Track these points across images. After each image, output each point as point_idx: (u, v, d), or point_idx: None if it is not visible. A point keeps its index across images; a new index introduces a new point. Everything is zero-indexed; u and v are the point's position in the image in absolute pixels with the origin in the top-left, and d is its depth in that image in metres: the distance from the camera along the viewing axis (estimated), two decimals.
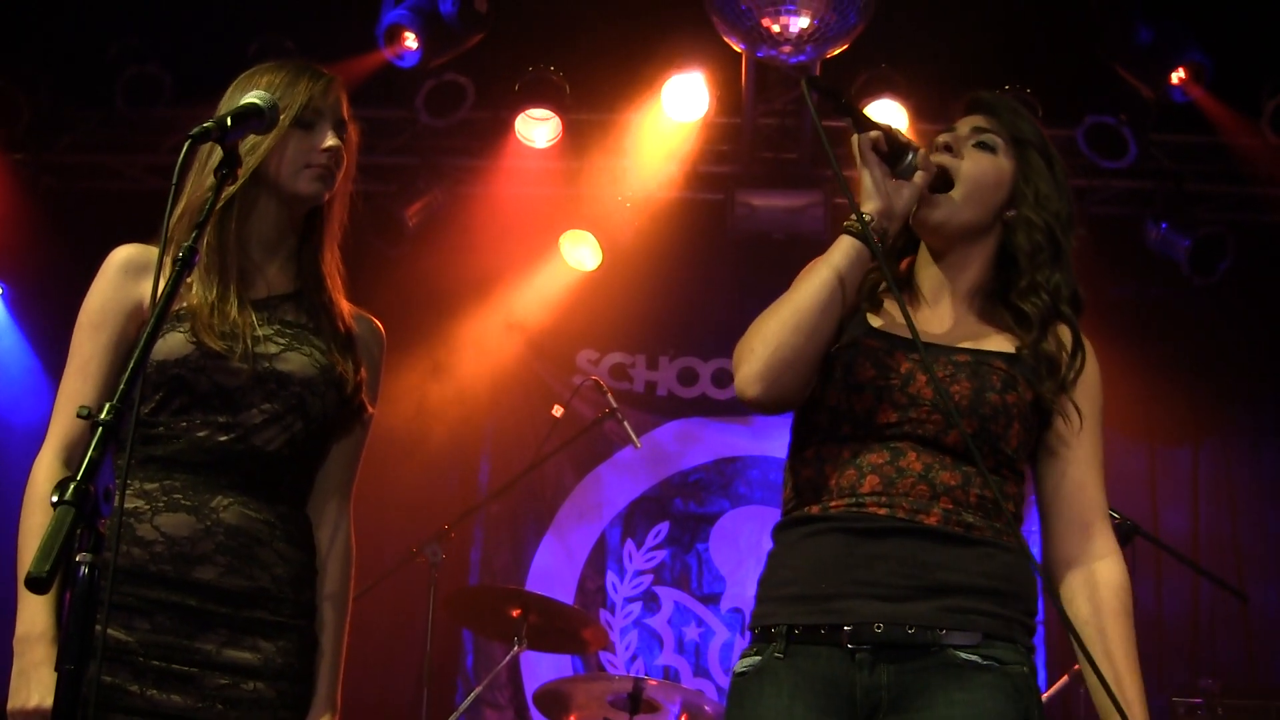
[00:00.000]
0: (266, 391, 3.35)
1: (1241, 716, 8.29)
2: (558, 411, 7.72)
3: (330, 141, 3.44)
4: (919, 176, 3.10)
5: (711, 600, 9.61)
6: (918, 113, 8.86)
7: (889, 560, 2.96)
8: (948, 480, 3.02)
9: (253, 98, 3.04)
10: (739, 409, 9.95)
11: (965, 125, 3.30)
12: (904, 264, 3.39)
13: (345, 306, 3.59)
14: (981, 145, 3.27)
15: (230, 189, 3.29)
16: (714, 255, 9.63)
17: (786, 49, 7.80)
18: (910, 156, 3.11)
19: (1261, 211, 9.65)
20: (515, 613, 6.80)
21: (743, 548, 9.57)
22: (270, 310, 3.45)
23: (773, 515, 9.07)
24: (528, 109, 8.97)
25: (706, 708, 6.95)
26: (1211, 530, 9.77)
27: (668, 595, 9.66)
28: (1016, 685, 2.93)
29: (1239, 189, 9.56)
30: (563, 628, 7.04)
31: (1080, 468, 3.20)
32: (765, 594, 3.13)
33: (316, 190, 3.45)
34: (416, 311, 9.29)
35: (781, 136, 9.42)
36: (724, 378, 10.00)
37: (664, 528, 9.76)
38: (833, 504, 3.04)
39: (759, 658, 3.03)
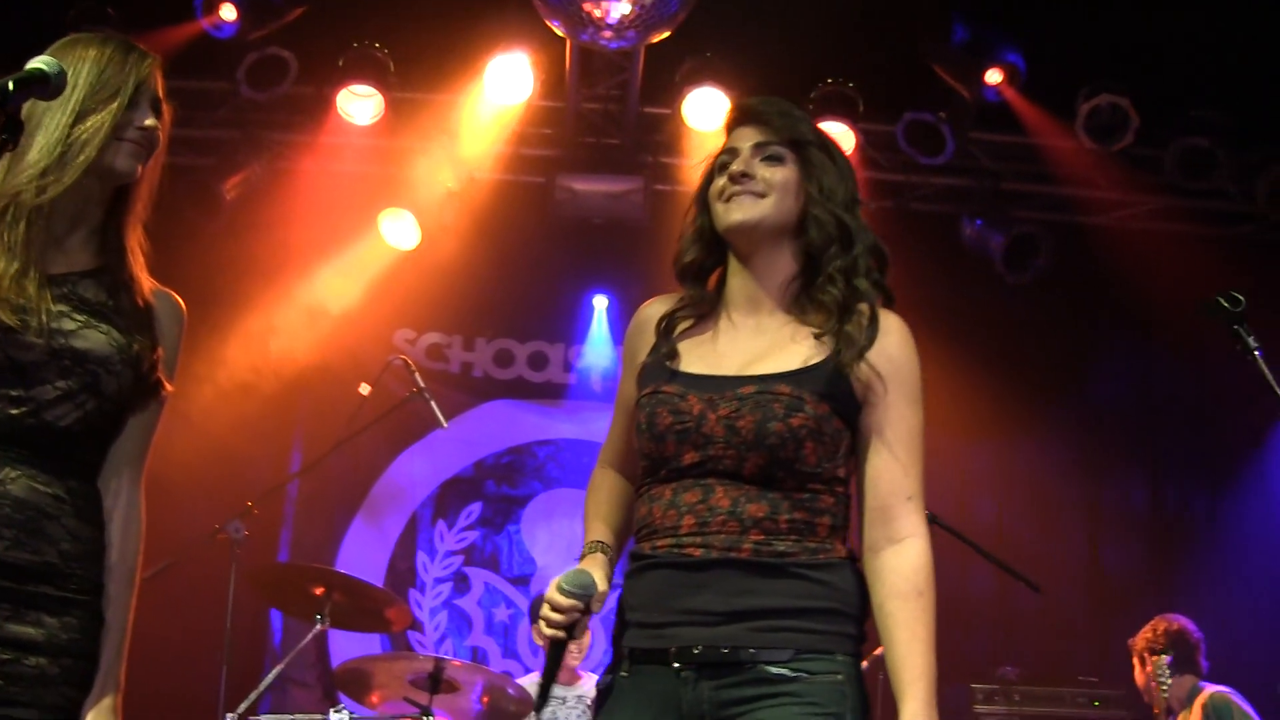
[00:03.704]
0: (61, 368, 3.29)
1: (1037, 702, 8.50)
2: (365, 390, 7.68)
3: (150, 120, 3.42)
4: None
5: (521, 582, 9.64)
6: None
7: (707, 591, 3.20)
8: (755, 512, 3.22)
9: (39, 63, 2.99)
10: (554, 392, 10.00)
11: (745, 142, 3.47)
12: (713, 279, 3.57)
13: (146, 283, 3.54)
14: (769, 159, 3.45)
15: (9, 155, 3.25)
16: (534, 238, 9.64)
17: (608, 34, 7.84)
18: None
19: (1075, 212, 9.86)
20: (319, 591, 6.76)
21: (554, 530, 9.61)
22: (69, 286, 3.39)
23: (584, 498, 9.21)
24: (350, 85, 8.90)
25: (509, 690, 6.97)
26: (1016, 522, 9.97)
27: (478, 576, 9.68)
28: (826, 692, 3.16)
29: (1054, 189, 9.75)
30: (367, 607, 7.00)
31: (880, 454, 3.35)
32: (618, 620, 3.39)
33: (130, 167, 3.42)
34: (232, 286, 9.20)
35: (604, 121, 9.45)
36: (539, 360, 10.02)
37: (476, 508, 9.78)
38: (659, 543, 3.29)
39: (611, 676, 3.35)
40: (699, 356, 3.42)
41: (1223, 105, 9.14)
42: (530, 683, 7.65)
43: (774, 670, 3.15)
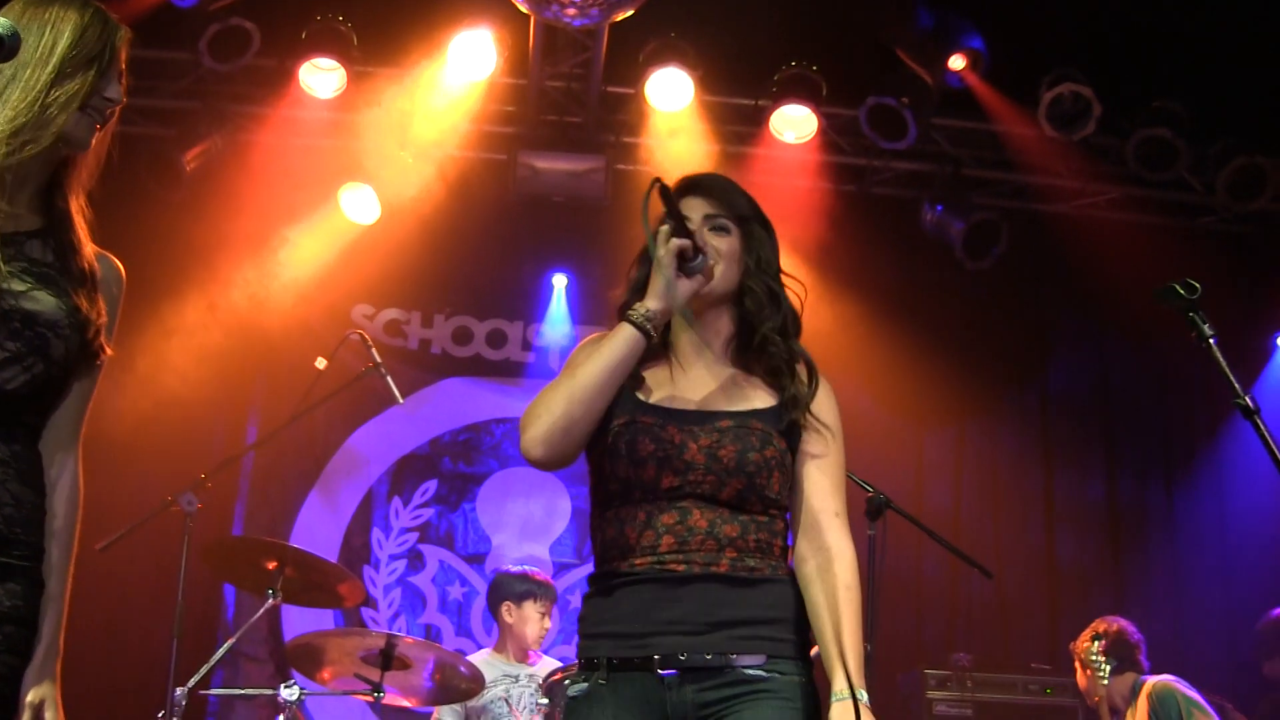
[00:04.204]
0: (10, 330, 3.26)
1: (990, 689, 8.52)
2: (321, 364, 7.64)
3: (117, 94, 3.41)
4: (696, 282, 3.67)
5: (476, 560, 9.62)
6: (704, 83, 8.94)
7: (688, 603, 3.55)
8: (730, 532, 3.60)
9: None
10: (511, 370, 9.98)
11: (695, 212, 3.82)
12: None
13: (89, 247, 3.52)
14: (717, 229, 3.84)
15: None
16: (494, 215, 9.62)
17: (571, 11, 7.82)
18: (700, 259, 3.66)
19: (1035, 200, 9.90)
20: (271, 565, 6.75)
21: (509, 509, 9.59)
22: (16, 246, 3.36)
23: (540, 477, 9.20)
24: (313, 58, 8.86)
25: (461, 668, 6.95)
26: (971, 508, 9.99)
27: (432, 553, 9.65)
28: (793, 691, 3.54)
29: (1015, 177, 9.78)
30: (319, 582, 6.98)
31: (812, 475, 3.76)
32: (586, 632, 3.70)
33: (85, 140, 3.40)
34: (191, 257, 9.17)
35: (567, 100, 9.43)
36: (498, 338, 10.00)
37: (432, 486, 9.75)
38: (637, 561, 3.60)
39: (586, 684, 3.62)
40: (660, 394, 3.76)
41: (1184, 97, 9.18)
42: (482, 660, 7.63)
43: (750, 672, 3.51)
